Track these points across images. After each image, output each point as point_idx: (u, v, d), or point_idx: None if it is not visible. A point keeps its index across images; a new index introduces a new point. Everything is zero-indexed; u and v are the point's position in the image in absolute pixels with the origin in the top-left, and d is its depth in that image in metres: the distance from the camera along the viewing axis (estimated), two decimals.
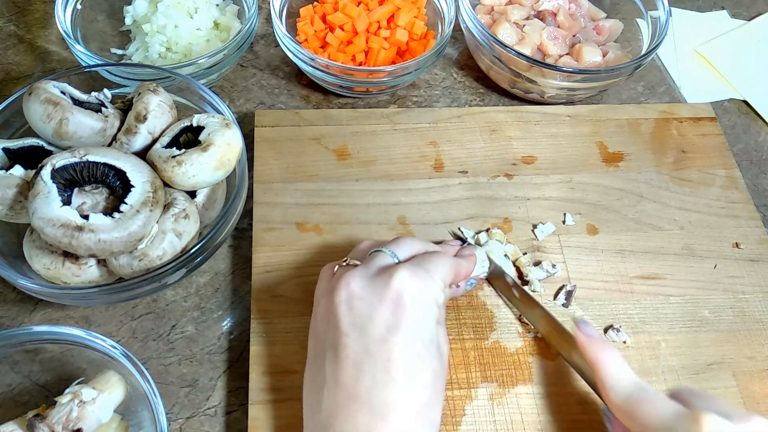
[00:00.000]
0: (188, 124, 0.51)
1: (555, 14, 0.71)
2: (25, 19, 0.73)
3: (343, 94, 0.68)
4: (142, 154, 0.50)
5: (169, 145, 0.50)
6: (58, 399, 0.43)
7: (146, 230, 0.46)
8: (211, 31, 0.68)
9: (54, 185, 0.45)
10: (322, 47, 0.69)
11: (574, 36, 0.70)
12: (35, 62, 0.70)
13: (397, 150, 0.63)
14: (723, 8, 0.82)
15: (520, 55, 0.63)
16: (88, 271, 0.48)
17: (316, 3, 0.71)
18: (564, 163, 0.63)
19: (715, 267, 0.58)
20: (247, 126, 0.64)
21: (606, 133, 0.66)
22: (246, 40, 0.65)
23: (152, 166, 0.49)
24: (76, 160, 0.46)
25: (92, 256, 0.46)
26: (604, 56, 0.68)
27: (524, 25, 0.69)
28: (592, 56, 0.67)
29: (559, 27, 0.70)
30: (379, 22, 0.68)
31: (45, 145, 0.51)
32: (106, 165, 0.47)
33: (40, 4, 0.74)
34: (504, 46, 0.63)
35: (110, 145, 0.51)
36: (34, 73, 0.69)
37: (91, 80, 0.57)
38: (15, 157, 0.50)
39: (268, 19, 0.74)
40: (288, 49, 0.64)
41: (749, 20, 0.81)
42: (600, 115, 0.67)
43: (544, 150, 0.64)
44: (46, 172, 0.45)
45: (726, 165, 0.65)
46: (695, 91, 0.73)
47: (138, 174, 0.47)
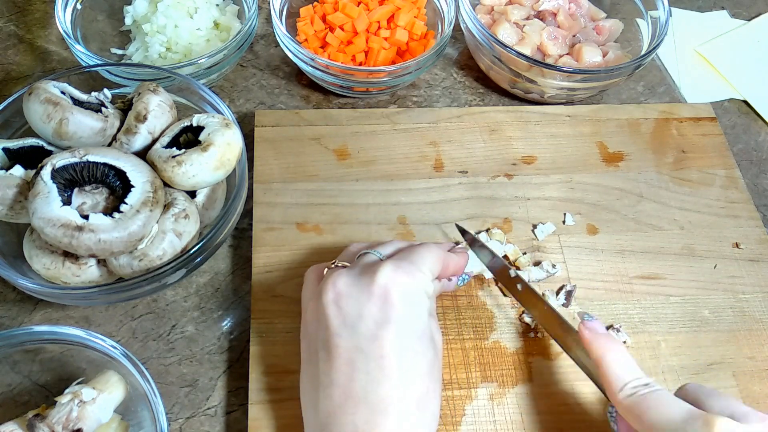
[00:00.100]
0: (188, 124, 0.51)
1: (555, 14, 0.71)
2: (25, 19, 0.73)
3: (343, 94, 0.68)
4: (142, 154, 0.50)
5: (169, 145, 0.50)
6: (58, 399, 0.43)
7: (146, 230, 0.46)
8: (211, 31, 0.68)
9: (54, 185, 0.45)
10: (322, 47, 0.69)
11: (574, 36, 0.70)
12: (35, 62, 0.70)
13: (397, 150, 0.63)
14: (723, 8, 0.82)
15: (520, 55, 0.63)
16: (88, 271, 0.48)
17: (316, 3, 0.71)
18: (564, 163, 0.63)
19: (715, 267, 0.58)
20: (247, 126, 0.64)
21: (606, 133, 0.66)
22: (246, 40, 0.65)
23: (152, 166, 0.49)
24: (76, 160, 0.46)
25: (92, 256, 0.46)
26: (604, 56, 0.68)
27: (524, 25, 0.69)
28: (592, 56, 0.67)
29: (559, 27, 0.70)
30: (379, 22, 0.68)
31: (45, 145, 0.51)
32: (106, 165, 0.47)
33: (40, 4, 0.74)
34: (504, 46, 0.63)
35: (110, 145, 0.51)
36: (34, 73, 0.69)
37: (91, 80, 0.57)
38: (15, 157, 0.50)
39: (268, 19, 0.74)
40: (288, 49, 0.64)
41: (749, 20, 0.81)
42: (600, 115, 0.67)
43: (544, 150, 0.64)
44: (46, 172, 0.45)
45: (726, 165, 0.65)
46: (695, 91, 0.73)
47: (138, 174, 0.47)
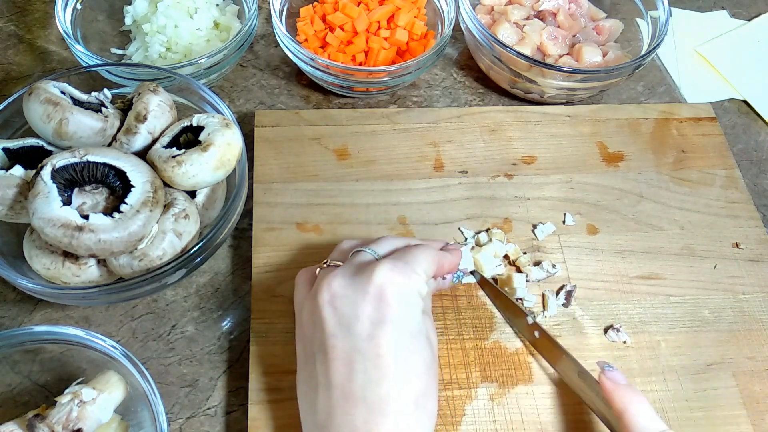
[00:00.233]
0: (188, 124, 0.51)
1: (555, 14, 0.71)
2: (25, 19, 0.73)
3: (343, 94, 0.68)
4: (142, 154, 0.50)
5: (169, 145, 0.50)
6: (58, 399, 0.43)
7: (146, 230, 0.46)
8: (211, 31, 0.68)
9: (54, 185, 0.45)
10: (322, 47, 0.69)
11: (574, 36, 0.70)
12: (35, 62, 0.69)
13: (397, 150, 0.63)
14: (723, 8, 0.82)
15: (520, 55, 0.63)
16: (88, 271, 0.48)
17: (316, 3, 0.71)
18: (564, 163, 0.63)
19: (715, 267, 0.58)
20: (247, 126, 0.64)
21: (606, 133, 0.66)
22: (246, 40, 0.65)
23: (152, 166, 0.49)
24: (76, 160, 0.46)
25: (92, 256, 0.46)
26: (604, 56, 0.68)
27: (524, 25, 0.69)
28: (592, 56, 0.67)
29: (559, 27, 0.70)
30: (379, 22, 0.68)
31: (45, 145, 0.51)
32: (106, 165, 0.47)
33: (40, 4, 0.74)
34: (504, 46, 0.63)
35: (110, 145, 0.51)
36: (34, 73, 0.69)
37: (91, 80, 0.57)
38: (15, 157, 0.50)
39: (268, 19, 0.74)
40: (288, 49, 0.64)
41: (749, 20, 0.81)
42: (600, 115, 0.67)
43: (544, 150, 0.64)
44: (46, 172, 0.45)
45: (726, 165, 0.65)
46: (695, 91, 0.73)
47: (138, 174, 0.47)
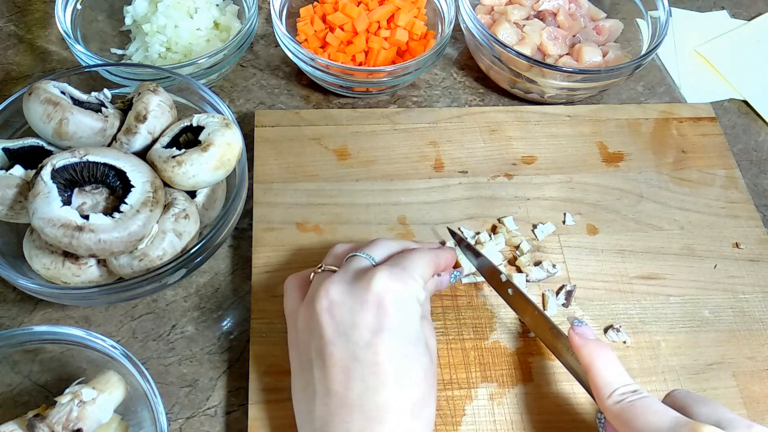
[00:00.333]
0: (188, 124, 0.51)
1: (555, 14, 0.71)
2: (25, 19, 0.73)
3: (343, 94, 0.68)
4: (142, 154, 0.50)
5: (169, 145, 0.50)
6: (58, 399, 0.43)
7: (146, 230, 0.46)
8: (211, 31, 0.68)
9: (54, 185, 0.45)
10: (322, 47, 0.69)
11: (574, 36, 0.70)
12: (35, 62, 0.69)
13: (397, 150, 0.63)
14: (723, 8, 0.82)
15: (520, 55, 0.63)
16: (88, 271, 0.48)
17: (316, 3, 0.71)
18: (564, 163, 0.63)
19: (715, 267, 0.58)
20: (247, 126, 0.64)
21: (606, 133, 0.66)
22: (246, 40, 0.65)
23: (152, 166, 0.49)
24: (76, 160, 0.46)
25: (92, 256, 0.46)
26: (604, 56, 0.68)
27: (524, 25, 0.69)
28: (592, 56, 0.67)
29: (559, 27, 0.70)
30: (379, 22, 0.68)
31: (45, 145, 0.51)
32: (106, 165, 0.47)
33: (40, 4, 0.74)
34: (504, 46, 0.63)
35: (110, 145, 0.51)
36: (34, 73, 0.69)
37: (91, 80, 0.57)
38: (15, 157, 0.50)
39: (268, 19, 0.74)
40: (288, 49, 0.64)
41: (749, 20, 0.81)
42: (600, 115, 0.67)
43: (544, 150, 0.64)
44: (46, 172, 0.45)
45: (726, 165, 0.65)
46: (695, 91, 0.73)
47: (138, 174, 0.47)
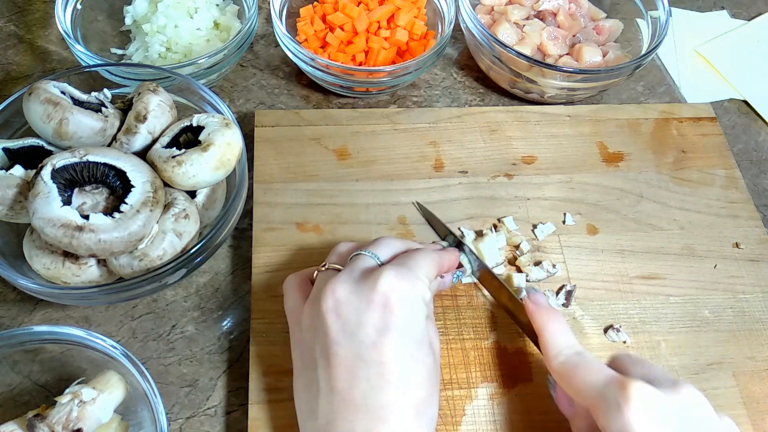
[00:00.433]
0: (188, 124, 0.51)
1: (555, 14, 0.71)
2: (25, 19, 0.73)
3: (343, 94, 0.68)
4: (142, 154, 0.50)
5: (169, 145, 0.50)
6: (58, 399, 0.43)
7: (146, 230, 0.46)
8: (211, 31, 0.68)
9: (54, 185, 0.45)
10: (322, 47, 0.69)
11: (574, 36, 0.70)
12: (35, 62, 0.69)
13: (397, 150, 0.63)
14: (723, 8, 0.82)
15: (520, 55, 0.63)
16: (88, 271, 0.48)
17: (316, 3, 0.71)
18: (564, 163, 0.63)
19: (715, 267, 0.58)
20: (247, 126, 0.64)
21: (606, 133, 0.66)
22: (246, 40, 0.65)
23: (152, 166, 0.49)
24: (76, 160, 0.46)
25: (92, 256, 0.46)
26: (604, 56, 0.68)
27: (524, 25, 0.69)
28: (592, 56, 0.67)
29: (559, 27, 0.70)
30: (379, 22, 0.68)
31: (45, 145, 0.51)
32: (106, 165, 0.47)
33: (40, 4, 0.74)
34: (504, 46, 0.63)
35: (110, 145, 0.51)
36: (34, 73, 0.69)
37: (91, 80, 0.57)
38: (15, 157, 0.50)
39: (268, 19, 0.74)
40: (288, 49, 0.64)
41: (749, 20, 0.81)
42: (600, 115, 0.67)
43: (544, 150, 0.64)
44: (47, 172, 0.45)
45: (726, 165, 0.65)
46: (695, 91, 0.73)
47: (138, 174, 0.47)
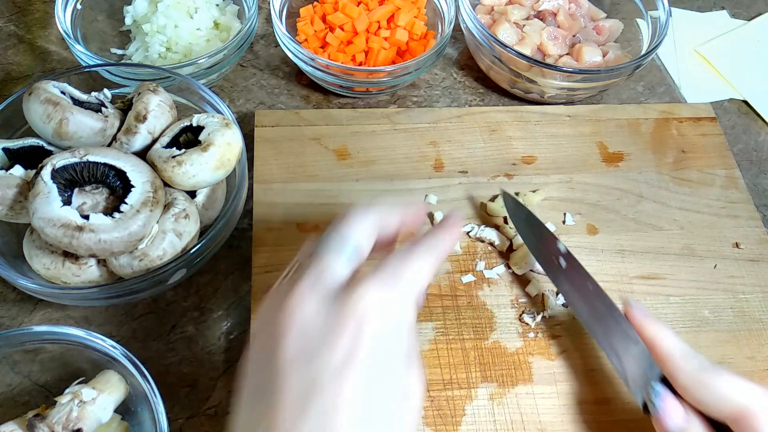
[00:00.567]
0: (188, 124, 0.51)
1: (555, 14, 0.71)
2: (25, 19, 0.73)
3: (343, 94, 0.68)
4: (142, 154, 0.50)
5: (169, 145, 0.50)
6: (58, 399, 0.43)
7: (146, 230, 0.46)
8: (211, 31, 0.68)
9: (54, 185, 0.45)
10: (322, 47, 0.69)
11: (574, 36, 0.70)
12: (35, 62, 0.69)
13: (397, 150, 0.63)
14: (723, 8, 0.82)
15: (520, 55, 0.63)
16: (88, 271, 0.48)
17: (316, 3, 0.71)
18: (564, 163, 0.63)
19: (715, 267, 0.58)
20: (247, 126, 0.64)
21: (606, 133, 0.66)
22: (246, 40, 0.65)
23: (152, 166, 0.49)
24: (76, 160, 0.46)
25: (92, 256, 0.46)
26: (604, 56, 0.68)
27: (524, 25, 0.69)
28: (592, 56, 0.67)
29: (559, 27, 0.70)
30: (379, 22, 0.68)
31: (45, 145, 0.51)
32: (106, 165, 0.47)
33: (40, 4, 0.74)
34: (504, 46, 0.63)
35: (110, 145, 0.51)
36: (34, 73, 0.69)
37: (91, 80, 0.57)
38: (15, 157, 0.50)
39: (268, 19, 0.74)
40: (288, 49, 0.64)
41: (749, 20, 0.81)
42: (600, 115, 0.67)
43: (544, 150, 0.64)
44: (47, 172, 0.45)
45: (726, 165, 0.65)
46: (695, 91, 0.73)
47: (138, 174, 0.47)
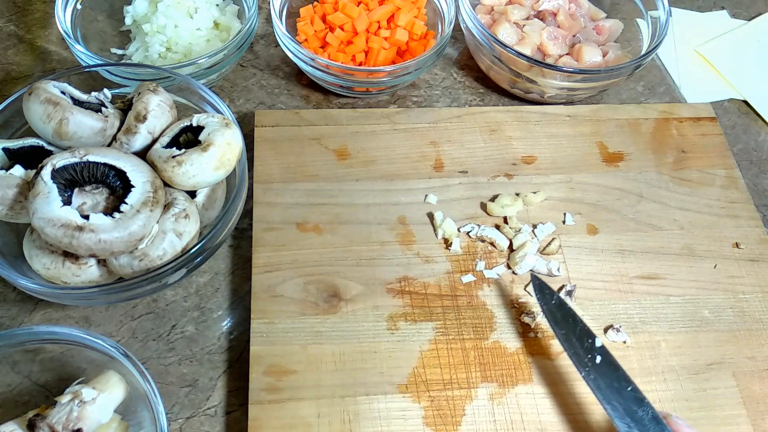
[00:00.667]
0: (188, 124, 0.51)
1: (555, 14, 0.71)
2: (25, 19, 0.73)
3: (343, 94, 0.68)
4: (142, 154, 0.50)
5: (169, 145, 0.50)
6: (58, 399, 0.43)
7: (146, 230, 0.46)
8: (211, 31, 0.68)
9: (54, 185, 0.45)
10: (322, 47, 0.69)
11: (574, 36, 0.70)
12: (35, 62, 0.69)
13: (397, 150, 0.63)
14: (723, 8, 0.82)
15: (520, 55, 0.63)
16: (88, 271, 0.48)
17: (316, 3, 0.71)
18: (564, 163, 0.63)
19: (715, 267, 0.58)
20: (247, 126, 0.64)
21: (606, 133, 0.66)
22: (246, 40, 0.65)
23: (152, 166, 0.49)
24: (76, 160, 0.46)
25: (92, 256, 0.46)
26: (604, 56, 0.68)
27: (524, 25, 0.69)
28: (592, 56, 0.67)
29: (559, 27, 0.70)
30: (379, 22, 0.68)
31: (45, 145, 0.51)
32: (106, 165, 0.47)
33: (40, 4, 0.74)
34: (504, 46, 0.63)
35: (110, 145, 0.51)
36: (34, 73, 0.69)
37: (91, 80, 0.57)
38: (15, 157, 0.50)
39: (268, 19, 0.74)
40: (288, 49, 0.64)
41: (749, 20, 0.81)
42: (600, 115, 0.67)
43: (544, 150, 0.64)
44: (47, 172, 0.45)
45: (726, 165, 0.65)
46: (695, 91, 0.73)
47: (138, 174, 0.47)
